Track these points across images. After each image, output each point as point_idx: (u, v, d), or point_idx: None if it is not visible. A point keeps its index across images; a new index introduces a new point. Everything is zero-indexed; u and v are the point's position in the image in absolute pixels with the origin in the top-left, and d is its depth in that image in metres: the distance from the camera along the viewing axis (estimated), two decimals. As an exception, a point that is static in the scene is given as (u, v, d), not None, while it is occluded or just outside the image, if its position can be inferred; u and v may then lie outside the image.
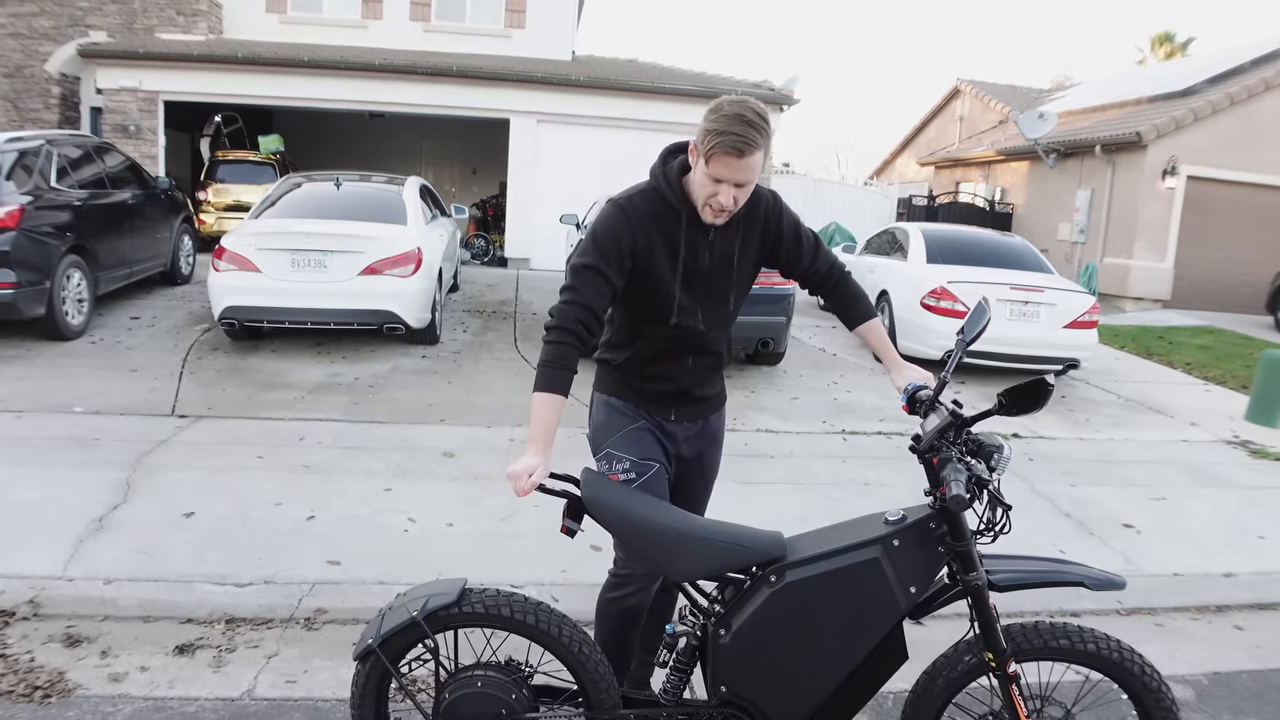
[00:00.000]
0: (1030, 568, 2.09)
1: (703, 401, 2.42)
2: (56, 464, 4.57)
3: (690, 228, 2.21)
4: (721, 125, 2.01)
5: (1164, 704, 2.12)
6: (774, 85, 14.19)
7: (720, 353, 2.40)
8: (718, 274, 2.28)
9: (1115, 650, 2.09)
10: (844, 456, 5.62)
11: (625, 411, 2.36)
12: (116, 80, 12.77)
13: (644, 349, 2.32)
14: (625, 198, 2.23)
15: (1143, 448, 6.35)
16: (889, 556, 2.01)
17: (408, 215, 7.72)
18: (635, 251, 2.17)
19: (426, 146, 18.52)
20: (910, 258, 8.79)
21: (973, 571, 2.02)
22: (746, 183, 2.08)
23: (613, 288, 2.15)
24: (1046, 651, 2.11)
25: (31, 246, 6.56)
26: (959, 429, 2.02)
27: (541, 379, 2.08)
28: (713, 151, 2.02)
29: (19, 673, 2.83)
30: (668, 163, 2.24)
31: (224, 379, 6.45)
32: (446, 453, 5.17)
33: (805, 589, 2.02)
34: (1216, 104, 13.79)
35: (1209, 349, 10.70)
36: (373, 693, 2.14)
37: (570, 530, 2.09)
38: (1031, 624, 2.14)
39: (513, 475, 1.98)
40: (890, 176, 25.70)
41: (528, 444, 2.06)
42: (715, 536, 2.07)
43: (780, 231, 2.35)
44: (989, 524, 2.00)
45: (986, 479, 1.95)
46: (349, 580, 3.56)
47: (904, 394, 2.27)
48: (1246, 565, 4.39)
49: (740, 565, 2.07)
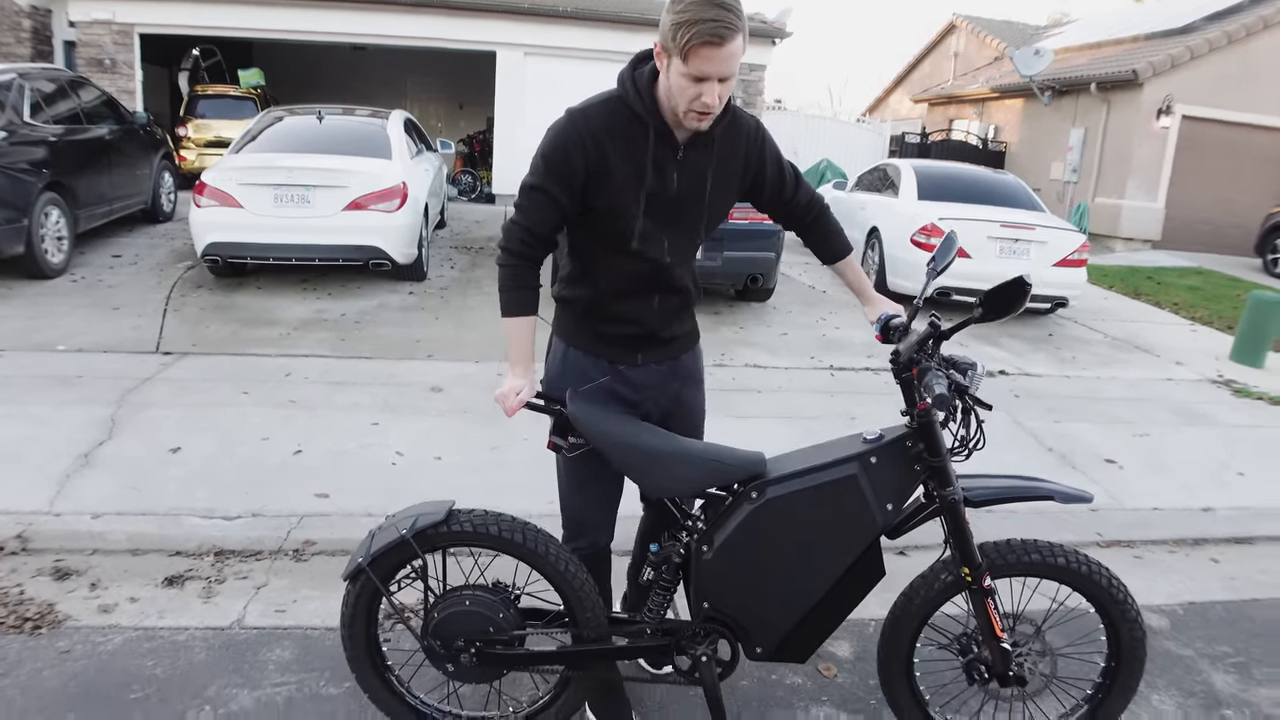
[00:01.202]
0: (1003, 484, 2.14)
1: (670, 342, 2.24)
2: (40, 402, 4.54)
3: (658, 143, 1.99)
4: (693, 13, 1.78)
5: (1129, 615, 2.18)
6: (766, 18, 13.89)
7: (687, 289, 2.21)
8: (688, 199, 2.06)
9: (1084, 564, 2.16)
10: (831, 391, 5.64)
11: (583, 365, 2.18)
12: (89, 12, 12.38)
13: (605, 285, 2.12)
14: (581, 108, 2.00)
15: (1128, 386, 6.39)
16: (866, 473, 2.04)
17: (392, 149, 7.59)
18: (588, 169, 1.96)
19: (412, 81, 18.13)
20: (901, 194, 8.72)
21: (948, 487, 2.05)
22: (730, 75, 1.86)
23: (561, 209, 2.00)
24: (1019, 566, 2.16)
25: (6, 184, 6.41)
26: (938, 340, 2.03)
27: (506, 303, 2.06)
28: (690, 44, 1.79)
29: (9, 605, 2.84)
30: (638, 69, 2.01)
31: (208, 316, 6.39)
32: (434, 387, 5.15)
33: (785, 505, 2.05)
34: (1214, 42, 13.57)
35: (1197, 290, 10.73)
36: (363, 612, 2.16)
37: (557, 446, 2.11)
38: (1004, 541, 2.19)
39: (500, 396, 2.02)
40: (883, 114, 25.37)
41: (510, 367, 2.07)
42: (697, 454, 2.10)
43: (763, 160, 2.18)
44: (963, 441, 2.03)
45: (964, 384, 1.98)
46: (337, 512, 3.58)
47: (877, 324, 2.26)
48: (1225, 501, 4.46)
49: (721, 482, 2.09)
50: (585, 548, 2.31)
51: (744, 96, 13.67)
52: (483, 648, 2.13)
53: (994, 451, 5.04)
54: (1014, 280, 1.90)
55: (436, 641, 2.13)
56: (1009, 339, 7.47)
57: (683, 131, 2.01)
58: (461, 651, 2.13)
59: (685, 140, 2.02)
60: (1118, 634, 2.22)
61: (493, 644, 2.13)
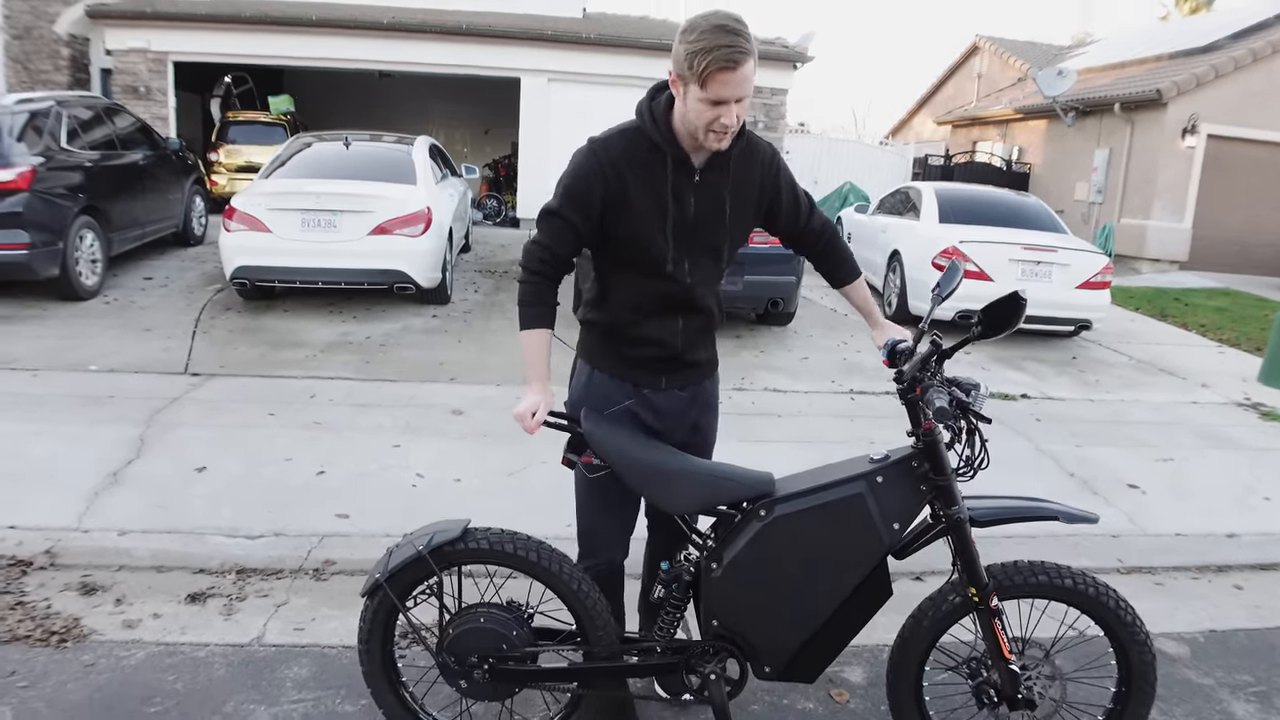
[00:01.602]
0: (1008, 504, 2.15)
1: (694, 367, 2.29)
2: (72, 421, 4.65)
3: (676, 170, 2.06)
4: (706, 42, 1.87)
5: (1138, 638, 2.17)
6: (788, 42, 13.98)
7: (710, 311, 2.25)
8: (707, 222, 2.12)
9: (1091, 586, 2.15)
10: (851, 415, 5.64)
11: (607, 388, 2.21)
12: (125, 41, 12.74)
13: (630, 307, 2.17)
14: (603, 139, 2.09)
15: (1152, 409, 6.33)
16: (873, 492, 2.07)
17: (417, 175, 7.72)
18: (607, 197, 2.04)
19: (438, 107, 18.39)
20: (922, 217, 8.72)
21: (953, 506, 2.07)
22: (745, 96, 1.94)
23: (578, 235, 2.09)
24: (1026, 588, 2.16)
25: (44, 208, 6.61)
26: (940, 358, 2.07)
27: (524, 318, 2.13)
28: (707, 71, 1.87)
29: (36, 619, 2.91)
30: (654, 99, 2.08)
31: (236, 338, 6.52)
32: (455, 410, 5.22)
33: (792, 523, 2.08)
34: (1239, 60, 13.48)
35: (1224, 311, 10.60)
36: (380, 628, 2.20)
37: (571, 463, 2.17)
38: (1011, 563, 2.19)
39: (519, 416, 2.08)
40: (907, 136, 25.36)
41: (527, 384, 2.12)
42: (707, 472, 2.15)
43: (778, 187, 2.23)
44: (968, 461, 2.05)
45: (966, 401, 2.01)
46: (357, 533, 3.63)
47: (884, 349, 2.29)
48: (1250, 526, 4.40)
49: (731, 499, 2.13)
50: (601, 565, 2.35)
51: (766, 120, 13.75)
52: (495, 664, 2.16)
53: (1014, 475, 5.00)
54: (1010, 295, 1.93)
55: (451, 658, 2.17)
56: (1032, 362, 7.43)
57: (699, 156, 2.08)
58: (475, 668, 2.16)
59: (702, 165, 2.09)
60: (1127, 657, 2.21)
61: (505, 661, 2.17)
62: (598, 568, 2.34)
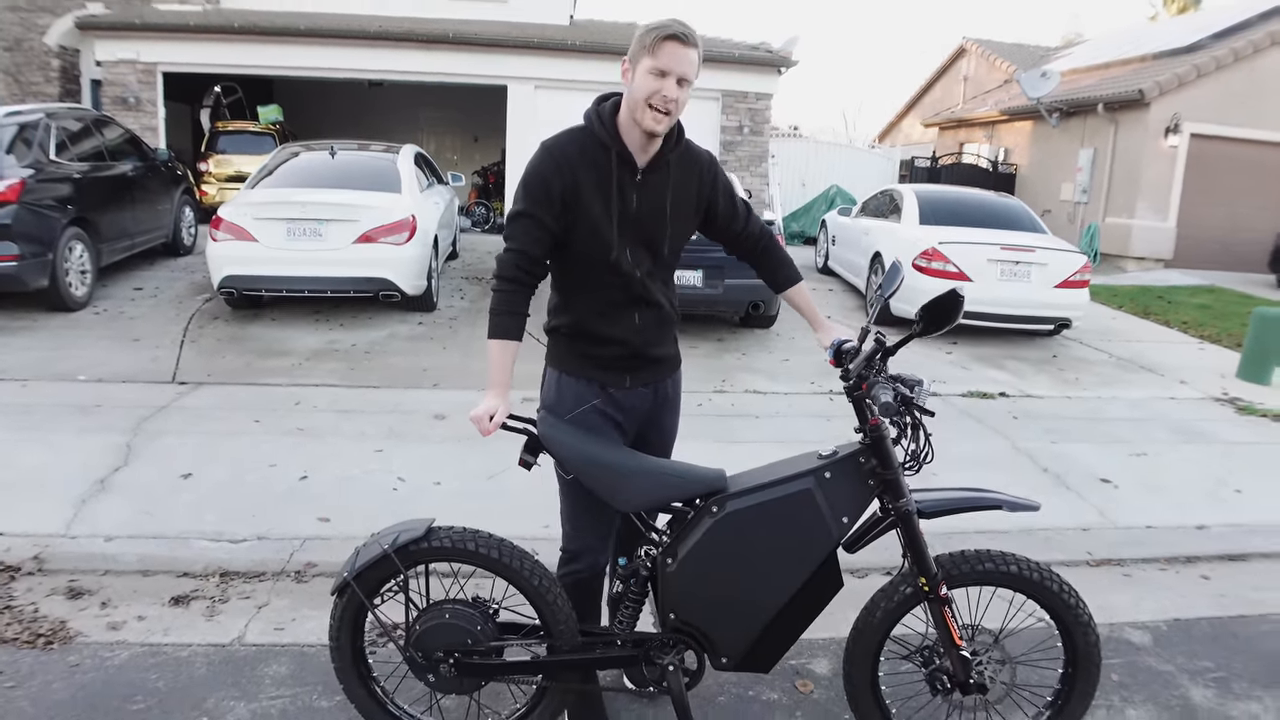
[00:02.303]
0: (953, 495, 2.23)
1: (657, 363, 2.38)
2: (60, 429, 4.72)
3: (620, 166, 2.19)
4: (658, 21, 2.09)
5: (1081, 619, 2.26)
6: (772, 47, 14.09)
7: (662, 305, 2.34)
8: (648, 219, 2.24)
9: (1035, 571, 2.24)
10: (829, 416, 5.72)
11: (576, 389, 2.30)
12: (114, 52, 12.80)
13: (588, 305, 2.28)
14: (554, 140, 2.23)
15: (1130, 406, 6.42)
16: (821, 487, 2.15)
17: (402, 183, 7.80)
18: (564, 193, 2.16)
19: (427, 115, 18.48)
20: (903, 219, 8.82)
21: (901, 499, 2.15)
22: (687, 77, 2.11)
23: (549, 231, 2.18)
24: (974, 575, 2.25)
25: (33, 219, 6.67)
26: (884, 356, 2.15)
27: (493, 326, 2.20)
28: (657, 39, 2.07)
29: (24, 622, 2.98)
30: (601, 104, 2.24)
31: (224, 347, 6.59)
32: (438, 415, 5.29)
33: (743, 518, 2.16)
34: (1221, 60, 13.62)
35: (1207, 308, 10.71)
36: (349, 625, 2.28)
37: (527, 464, 2.24)
38: (959, 551, 2.28)
39: (476, 418, 2.15)
40: (896, 139, 25.51)
41: (487, 388, 2.19)
42: (658, 469, 2.22)
43: (715, 189, 2.36)
44: (913, 455, 2.13)
45: (910, 395, 2.09)
46: (338, 536, 3.70)
47: (830, 350, 2.37)
48: (1220, 518, 4.48)
49: (683, 496, 2.21)
50: (584, 569, 2.42)
51: (751, 124, 13.85)
52: (461, 659, 2.23)
53: (987, 472, 5.09)
54: (948, 293, 2.03)
55: (418, 653, 2.24)
56: (1013, 361, 7.52)
57: (642, 157, 2.21)
58: (441, 662, 2.24)
59: (644, 165, 2.22)
60: (1072, 639, 2.30)
61: (471, 655, 2.24)
62: (580, 573, 2.41)
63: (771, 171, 14.14)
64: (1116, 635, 3.31)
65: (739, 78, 13.67)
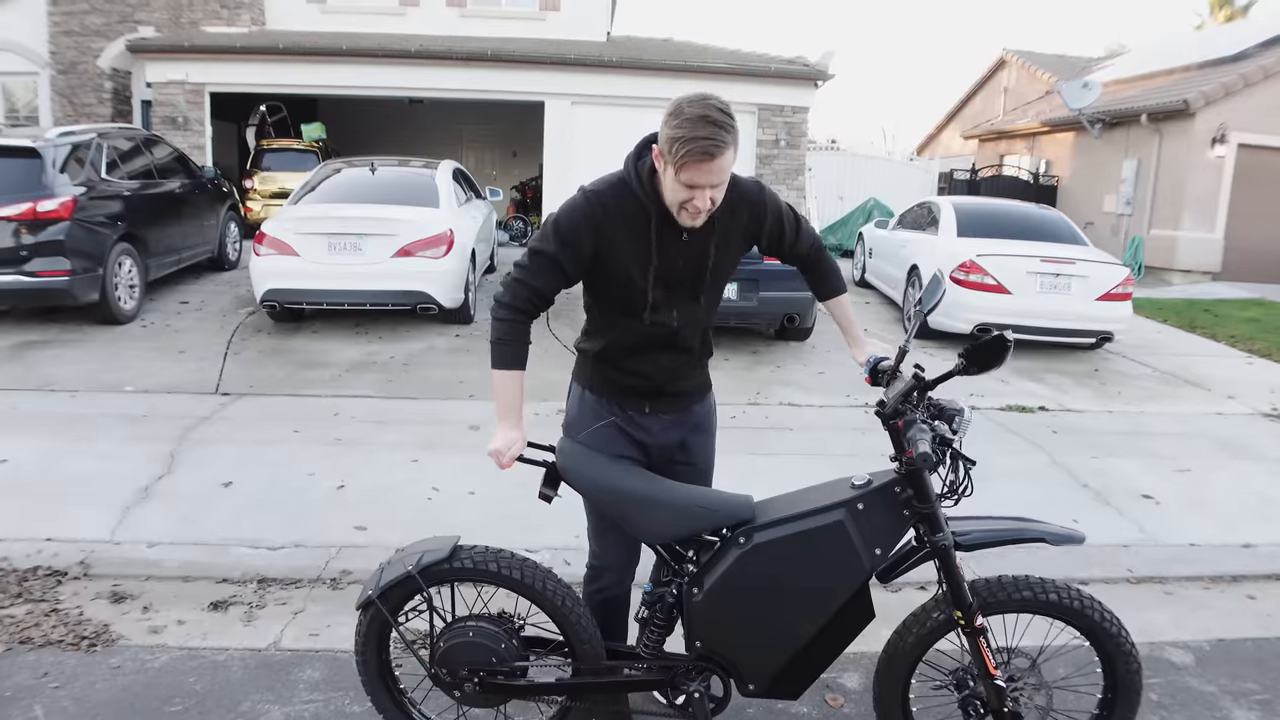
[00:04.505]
0: (993, 527, 2.15)
1: (679, 396, 2.34)
2: (107, 439, 4.86)
3: (661, 227, 2.12)
4: (687, 131, 1.92)
5: (1123, 648, 2.18)
6: (808, 61, 14.08)
7: (693, 349, 2.30)
8: (691, 271, 2.19)
9: (1076, 599, 2.16)
10: (864, 429, 5.68)
11: (597, 407, 2.30)
12: (164, 74, 13.19)
13: (617, 342, 2.25)
14: (595, 190, 2.14)
15: (1174, 420, 6.28)
16: (854, 520, 2.08)
17: (440, 198, 7.92)
18: (599, 249, 2.11)
19: (467, 130, 18.73)
20: (941, 231, 8.73)
21: (939, 533, 2.08)
22: (721, 183, 2.01)
23: (567, 277, 2.13)
24: (1011, 604, 2.18)
25: (85, 236, 6.89)
26: (922, 391, 2.07)
27: (498, 356, 2.17)
28: (683, 160, 1.94)
29: (69, 625, 3.08)
30: (642, 156, 2.13)
31: (266, 359, 6.73)
32: (473, 426, 5.35)
33: (772, 550, 2.10)
34: (1269, 69, 13.31)
35: (1257, 321, 10.43)
36: (374, 640, 2.30)
37: (547, 497, 2.22)
38: (995, 578, 2.21)
39: (494, 453, 2.15)
40: (935, 151, 25.28)
41: (499, 421, 2.18)
42: (684, 500, 2.16)
43: (762, 223, 2.26)
44: (952, 487, 2.06)
45: (950, 438, 2.02)
46: (373, 544, 3.76)
47: (865, 367, 2.30)
48: (1268, 537, 4.35)
49: (708, 528, 2.16)
50: (610, 587, 2.42)
51: (788, 138, 13.84)
52: (485, 678, 2.23)
53: (1024, 487, 5.01)
54: (995, 338, 1.94)
55: (443, 670, 2.24)
56: (1053, 375, 7.40)
57: None
58: (466, 680, 2.23)
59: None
60: (1113, 667, 2.23)
61: (495, 674, 2.23)
62: (607, 591, 2.41)
63: (808, 184, 14.11)
64: (1156, 654, 3.23)
65: (775, 91, 13.69)
